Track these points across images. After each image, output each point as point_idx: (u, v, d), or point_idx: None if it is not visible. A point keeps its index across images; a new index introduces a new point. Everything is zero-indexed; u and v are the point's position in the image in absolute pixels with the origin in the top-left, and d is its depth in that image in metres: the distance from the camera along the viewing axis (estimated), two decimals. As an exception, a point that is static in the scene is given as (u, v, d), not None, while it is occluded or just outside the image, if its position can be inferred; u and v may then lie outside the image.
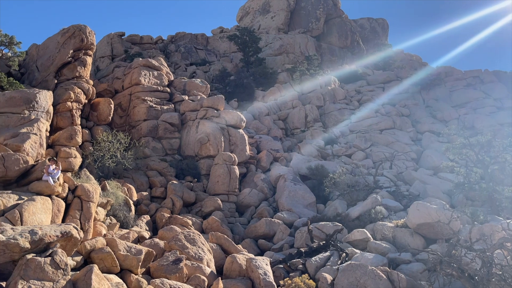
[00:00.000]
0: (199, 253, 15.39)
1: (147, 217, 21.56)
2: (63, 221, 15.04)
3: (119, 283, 11.53)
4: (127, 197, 21.67)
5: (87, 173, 21.97)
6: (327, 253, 18.00)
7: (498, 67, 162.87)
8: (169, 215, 21.77)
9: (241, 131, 32.89)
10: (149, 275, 13.52)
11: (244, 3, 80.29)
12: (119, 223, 18.99)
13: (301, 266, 17.29)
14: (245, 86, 48.59)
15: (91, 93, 27.74)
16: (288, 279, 15.12)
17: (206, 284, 13.59)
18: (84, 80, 27.95)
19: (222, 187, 27.41)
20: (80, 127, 25.63)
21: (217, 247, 17.55)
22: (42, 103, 22.35)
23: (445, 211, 18.58)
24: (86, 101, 27.60)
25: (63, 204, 15.35)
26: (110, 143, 25.44)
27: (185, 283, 13.18)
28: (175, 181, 26.36)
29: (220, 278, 13.85)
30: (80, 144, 24.74)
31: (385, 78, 55.16)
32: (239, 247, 18.78)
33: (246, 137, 32.85)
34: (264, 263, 15.09)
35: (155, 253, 14.12)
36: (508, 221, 15.73)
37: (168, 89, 35.17)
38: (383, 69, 61.55)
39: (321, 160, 34.25)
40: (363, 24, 79.64)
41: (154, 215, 22.56)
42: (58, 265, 9.79)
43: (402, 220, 21.01)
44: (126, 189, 23.16)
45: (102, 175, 24.55)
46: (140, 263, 12.83)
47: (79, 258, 12.10)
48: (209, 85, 39.91)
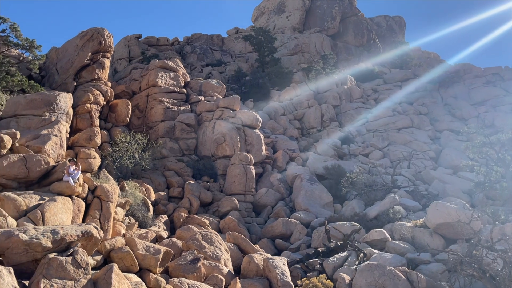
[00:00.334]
0: (217, 253, 15.45)
1: (165, 217, 21.78)
2: (83, 221, 15.28)
3: (138, 282, 11.64)
4: (145, 197, 21.90)
5: (106, 174, 22.26)
6: (345, 253, 17.84)
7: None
8: (186, 215, 21.96)
9: (257, 131, 32.92)
10: (167, 274, 13.61)
11: (259, 4, 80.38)
12: (137, 223, 19.22)
13: (318, 266, 17.18)
14: (260, 86, 48.62)
15: (109, 95, 28.18)
16: (305, 279, 15.04)
17: (223, 283, 13.64)
18: (102, 82, 28.42)
19: (238, 187, 27.50)
20: (99, 128, 26.06)
21: (234, 246, 17.58)
22: (62, 105, 22.77)
23: (465, 211, 18.23)
24: (104, 103, 28.04)
25: (83, 204, 15.59)
26: (128, 144, 25.77)
27: (203, 282, 13.25)
28: (192, 181, 26.55)
29: (237, 277, 13.88)
30: (99, 145, 25.08)
31: (402, 76, 54.44)
32: (256, 247, 18.78)
33: (262, 137, 32.85)
34: (281, 263, 15.06)
35: (173, 252, 14.22)
36: (530, 221, 15.40)
37: (184, 90, 35.41)
38: (400, 67, 60.71)
39: (338, 159, 33.98)
40: (380, 22, 78.78)
41: (171, 215, 22.77)
42: (79, 264, 9.94)
43: (421, 220, 20.69)
44: (144, 189, 23.43)
45: (120, 175, 24.90)
46: (158, 263, 12.94)
47: (99, 257, 12.26)
48: (224, 86, 40.03)
